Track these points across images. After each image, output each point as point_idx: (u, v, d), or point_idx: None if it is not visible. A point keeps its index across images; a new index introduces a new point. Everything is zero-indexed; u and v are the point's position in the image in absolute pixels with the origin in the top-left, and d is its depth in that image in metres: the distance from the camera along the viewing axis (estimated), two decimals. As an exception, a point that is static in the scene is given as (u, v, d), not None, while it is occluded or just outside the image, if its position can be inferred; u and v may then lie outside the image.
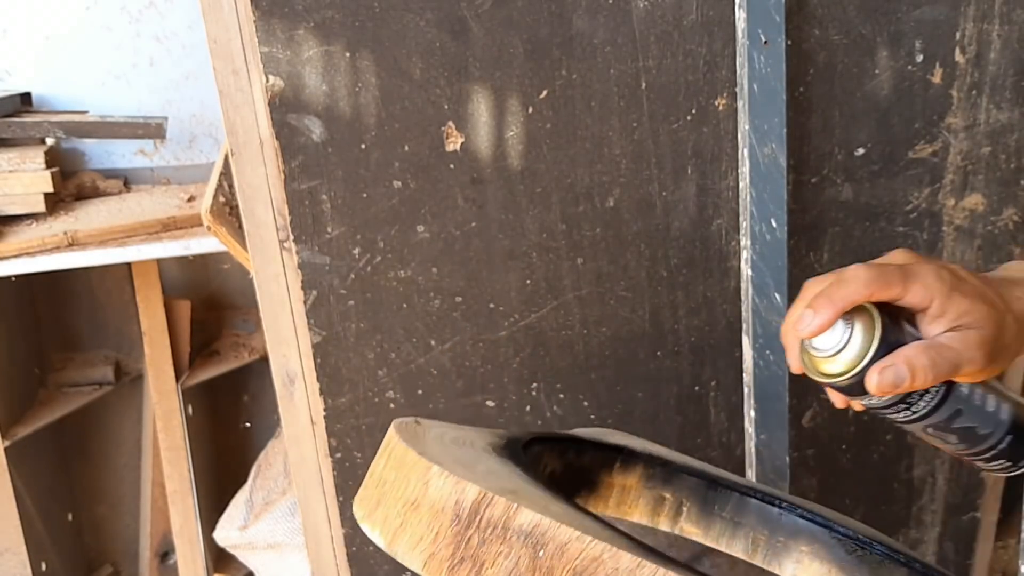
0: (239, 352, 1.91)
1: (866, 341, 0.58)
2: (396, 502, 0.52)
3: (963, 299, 0.58)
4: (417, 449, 0.53)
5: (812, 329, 0.58)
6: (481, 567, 0.48)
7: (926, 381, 0.58)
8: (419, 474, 0.51)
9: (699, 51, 1.04)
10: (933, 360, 0.58)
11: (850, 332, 0.59)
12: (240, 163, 1.03)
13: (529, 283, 1.10)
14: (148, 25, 1.71)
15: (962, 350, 0.58)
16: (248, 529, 1.72)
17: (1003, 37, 1.10)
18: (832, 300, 0.58)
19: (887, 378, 0.57)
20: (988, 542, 1.40)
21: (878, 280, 0.58)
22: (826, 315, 0.58)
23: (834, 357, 0.60)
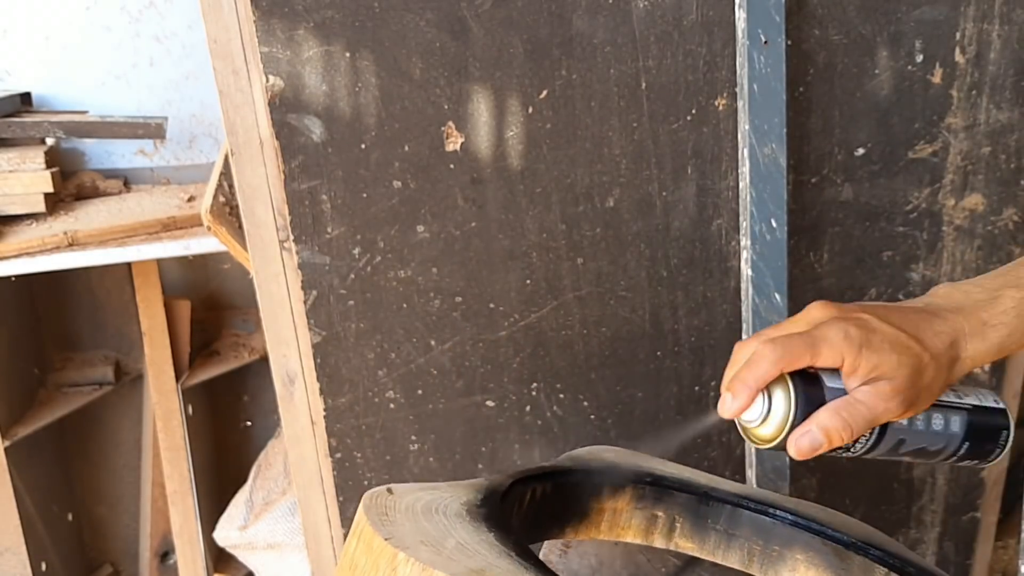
0: (239, 352, 1.91)
1: (785, 409, 0.62)
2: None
3: (872, 354, 0.61)
4: (384, 533, 0.53)
5: (733, 412, 0.63)
6: None
7: (843, 440, 0.61)
8: (387, 560, 0.51)
9: (699, 51, 1.04)
10: (845, 421, 0.61)
11: (769, 403, 0.63)
12: (240, 163, 1.03)
13: (529, 283, 1.10)
14: (148, 25, 1.71)
15: (875, 404, 0.61)
16: (248, 529, 1.72)
17: (1003, 37, 1.10)
18: (746, 383, 0.62)
19: (804, 444, 0.61)
20: (988, 542, 1.40)
21: (785, 356, 0.61)
22: (742, 398, 0.62)
23: (761, 426, 0.64)
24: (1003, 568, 1.63)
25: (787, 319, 0.67)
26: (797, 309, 1.18)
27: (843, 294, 1.18)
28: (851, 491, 1.29)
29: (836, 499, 1.29)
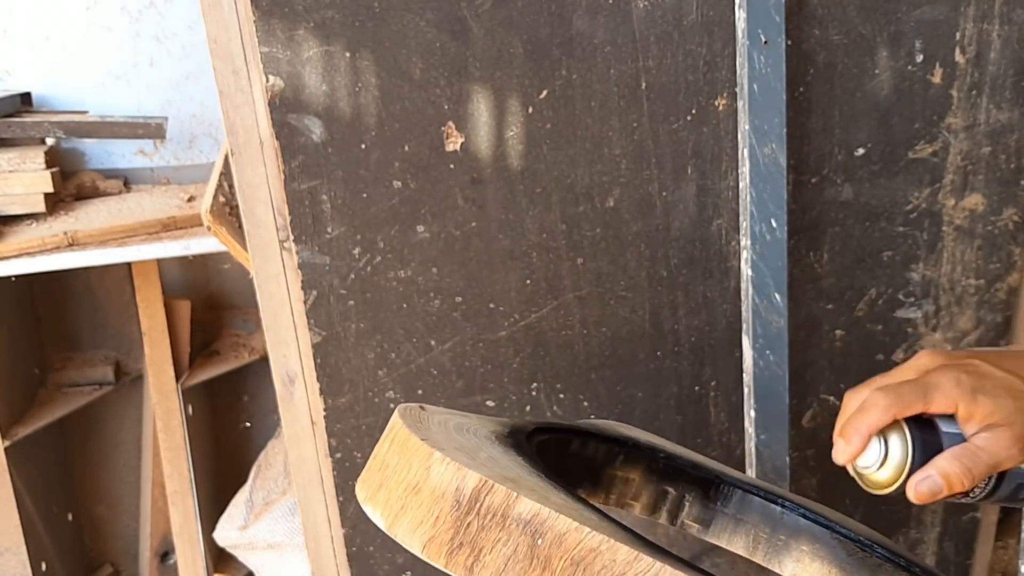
0: (239, 352, 1.91)
1: (902, 454, 0.63)
2: (398, 486, 0.52)
3: (987, 399, 0.61)
4: (420, 435, 0.53)
5: (847, 459, 0.64)
6: (479, 553, 0.49)
7: (963, 486, 0.61)
8: (421, 459, 0.52)
9: (699, 51, 1.04)
10: (966, 467, 0.61)
11: (885, 448, 0.63)
12: (240, 163, 1.03)
13: (529, 283, 1.10)
14: (148, 25, 1.71)
15: (996, 450, 0.61)
16: (248, 529, 1.72)
17: (1003, 37, 1.10)
18: (858, 430, 0.62)
19: (923, 490, 0.61)
20: (988, 542, 1.40)
21: (898, 403, 0.61)
22: (856, 444, 0.63)
23: (878, 472, 0.64)
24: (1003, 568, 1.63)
25: (897, 367, 0.67)
26: (797, 309, 1.19)
27: (843, 294, 1.18)
28: (851, 491, 1.29)
29: (836, 499, 1.29)
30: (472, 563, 0.49)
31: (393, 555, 1.19)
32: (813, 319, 1.18)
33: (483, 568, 0.49)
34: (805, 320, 1.18)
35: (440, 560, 0.50)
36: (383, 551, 1.18)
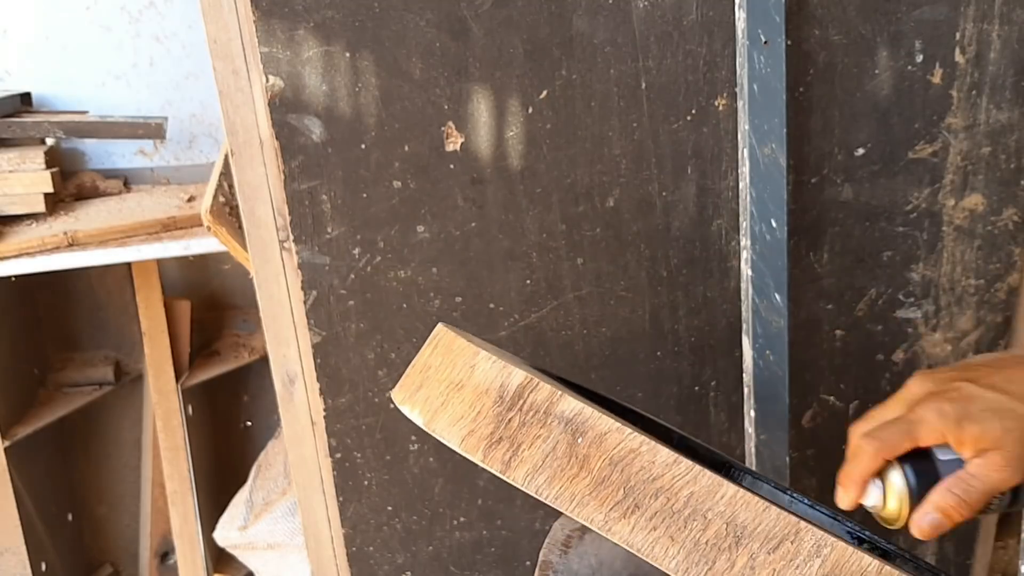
0: (239, 352, 1.91)
1: (902, 491, 0.64)
2: (440, 384, 0.53)
3: (973, 425, 0.61)
4: (465, 338, 0.54)
5: (848, 505, 0.65)
6: (518, 448, 0.49)
7: (964, 515, 0.62)
8: (466, 359, 0.52)
9: (699, 51, 1.04)
10: (960, 498, 0.62)
11: (883, 488, 0.65)
12: (240, 163, 1.03)
13: (529, 283, 1.10)
14: (148, 25, 1.71)
15: (989, 475, 0.61)
16: (248, 529, 1.72)
17: (1003, 37, 1.10)
18: (853, 479, 0.64)
19: (925, 527, 0.62)
20: (988, 542, 1.40)
21: (884, 448, 0.63)
22: (853, 492, 0.64)
23: (885, 510, 0.65)
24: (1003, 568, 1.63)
25: (888, 399, 0.68)
26: (797, 309, 1.19)
27: (843, 294, 1.18)
28: (851, 491, 1.29)
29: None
30: (510, 458, 0.49)
31: (393, 555, 1.19)
32: (813, 319, 1.18)
33: (520, 463, 0.49)
34: (805, 320, 1.18)
35: (478, 454, 0.50)
36: (383, 551, 1.18)
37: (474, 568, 1.22)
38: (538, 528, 1.20)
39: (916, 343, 1.23)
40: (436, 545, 1.19)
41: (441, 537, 1.19)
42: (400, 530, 1.18)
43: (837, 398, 1.23)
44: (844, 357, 1.21)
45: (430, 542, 1.19)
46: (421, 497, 1.16)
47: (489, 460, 0.50)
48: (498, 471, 0.50)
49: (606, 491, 0.47)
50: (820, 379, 1.22)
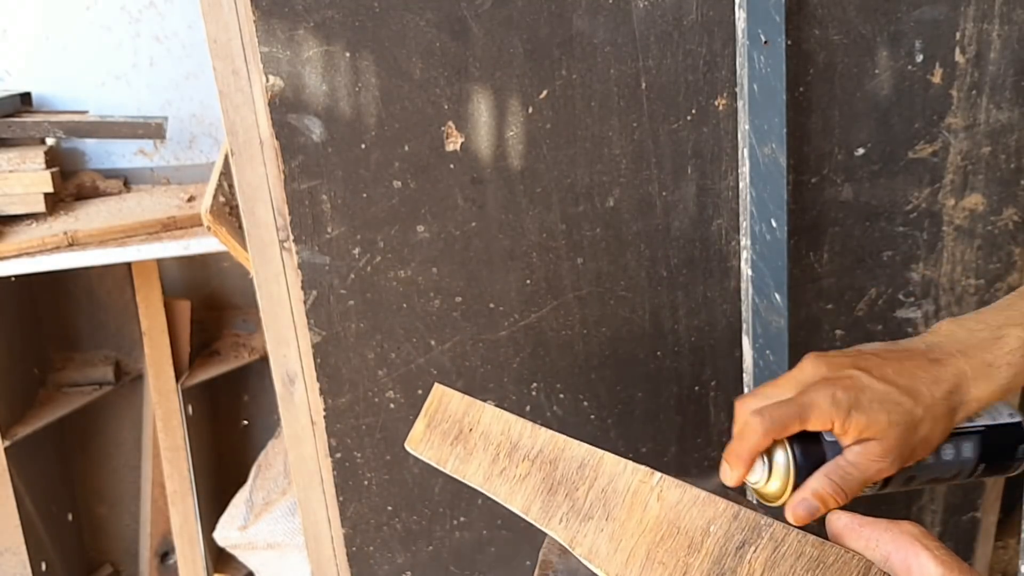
0: (239, 352, 1.91)
1: (784, 471, 0.64)
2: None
3: (861, 416, 0.62)
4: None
5: (733, 482, 0.65)
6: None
7: (838, 502, 0.63)
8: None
9: (699, 51, 1.04)
10: (837, 486, 0.63)
11: (769, 466, 0.65)
12: (240, 163, 1.03)
13: (529, 283, 1.10)
14: (148, 25, 1.71)
15: (866, 465, 0.63)
16: (248, 529, 1.72)
17: (1003, 37, 1.10)
18: (739, 456, 0.64)
19: (800, 512, 0.63)
20: (988, 542, 1.40)
21: (774, 426, 0.63)
22: (739, 469, 0.64)
23: (767, 486, 0.66)
24: (1003, 568, 1.63)
25: (781, 376, 0.68)
26: (797, 309, 1.18)
27: (843, 294, 1.18)
28: (851, 491, 1.29)
29: (836, 499, 1.29)
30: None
31: (393, 555, 1.19)
32: (813, 319, 1.18)
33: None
34: (805, 320, 1.18)
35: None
36: (383, 551, 1.18)
37: (474, 568, 1.22)
38: (538, 528, 1.20)
39: (916, 343, 1.23)
40: (436, 545, 1.19)
41: (441, 537, 1.19)
42: (400, 530, 1.18)
43: (837, 398, 1.23)
44: (844, 357, 1.21)
45: (430, 542, 1.19)
46: (421, 497, 1.16)
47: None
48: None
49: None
50: (820, 379, 1.22)
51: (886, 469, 0.63)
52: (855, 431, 0.62)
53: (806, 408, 0.62)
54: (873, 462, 0.62)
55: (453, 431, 0.59)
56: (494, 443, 0.56)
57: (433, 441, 0.61)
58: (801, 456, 0.64)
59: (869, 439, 0.62)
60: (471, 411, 0.59)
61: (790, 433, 0.63)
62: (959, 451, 0.66)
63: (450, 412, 0.60)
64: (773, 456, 0.64)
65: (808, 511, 0.62)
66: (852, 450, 0.62)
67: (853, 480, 0.63)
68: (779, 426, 0.62)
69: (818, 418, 0.62)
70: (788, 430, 0.63)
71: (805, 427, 0.63)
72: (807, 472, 0.63)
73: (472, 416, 0.59)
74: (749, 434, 0.63)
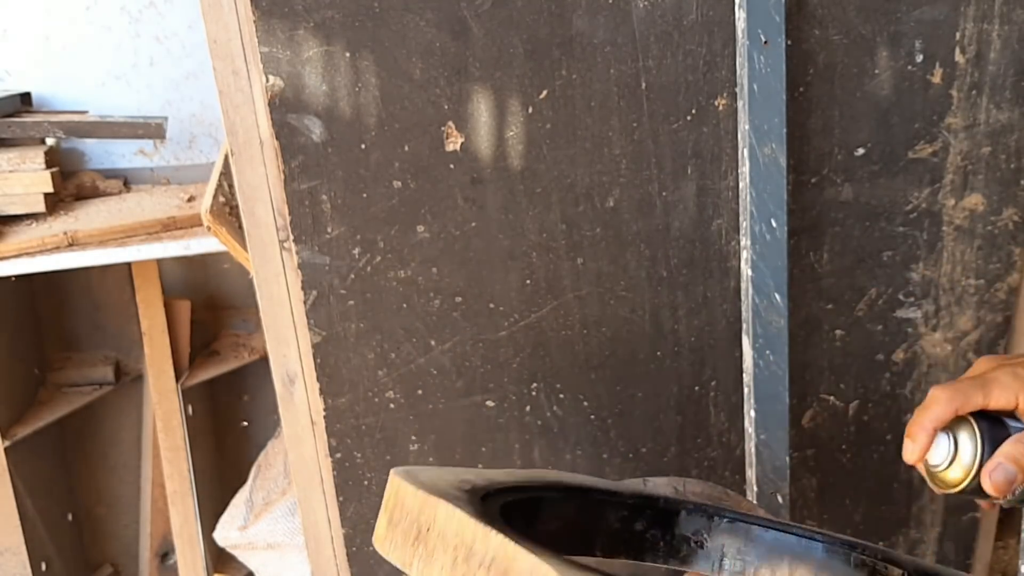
0: (239, 352, 1.91)
1: (972, 447, 0.64)
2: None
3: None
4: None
5: (916, 455, 0.65)
6: None
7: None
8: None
9: (699, 51, 1.04)
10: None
11: (955, 444, 0.65)
12: (240, 163, 1.03)
13: (529, 283, 1.10)
14: (148, 25, 1.71)
15: None
16: (248, 529, 1.72)
17: (1003, 37, 1.10)
18: (923, 426, 0.64)
19: (998, 477, 0.63)
20: (988, 542, 1.40)
21: (957, 396, 0.64)
22: (922, 440, 0.65)
23: (950, 468, 0.65)
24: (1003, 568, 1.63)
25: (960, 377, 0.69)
26: (797, 309, 1.19)
27: (843, 294, 1.18)
28: (851, 492, 1.30)
29: (836, 500, 1.29)
30: None
31: (393, 555, 1.19)
32: (813, 319, 1.18)
33: None
34: (805, 320, 1.18)
35: None
36: (383, 551, 1.18)
37: (474, 568, 1.22)
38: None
39: (916, 343, 1.23)
40: (436, 545, 1.19)
41: (441, 537, 1.19)
42: (400, 530, 1.18)
43: (837, 398, 1.23)
44: (844, 357, 1.21)
45: (430, 542, 1.19)
46: (421, 497, 1.16)
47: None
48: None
49: None
50: (820, 379, 1.22)
51: None
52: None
53: (989, 382, 0.64)
54: None
55: (412, 531, 0.57)
56: (451, 545, 0.54)
57: (396, 541, 0.58)
58: (989, 433, 0.63)
59: None
60: (426, 509, 0.56)
61: (973, 406, 0.64)
62: None
63: (408, 509, 0.58)
64: (959, 437, 0.64)
65: (1006, 476, 0.62)
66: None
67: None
68: (963, 396, 0.63)
69: (1001, 392, 0.63)
70: (971, 401, 0.63)
71: (988, 401, 0.63)
72: (991, 451, 0.63)
73: (427, 514, 0.56)
74: (932, 404, 0.64)
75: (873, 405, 1.25)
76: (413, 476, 0.60)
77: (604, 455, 1.18)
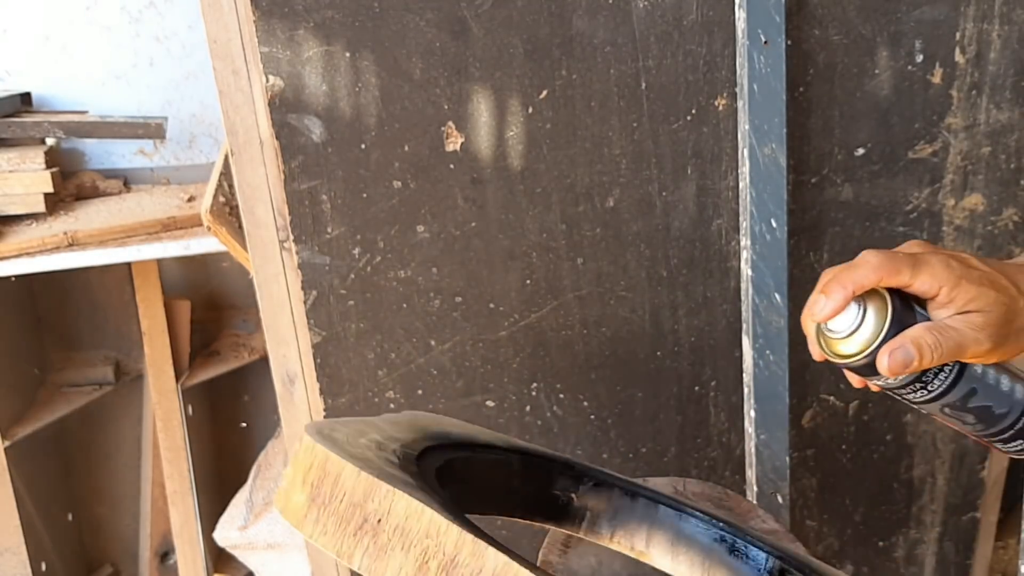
0: (239, 352, 1.91)
1: (878, 322, 0.61)
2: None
3: (970, 286, 0.61)
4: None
5: (826, 313, 0.61)
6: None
7: (932, 360, 0.60)
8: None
9: (699, 51, 1.04)
10: (938, 340, 0.60)
11: (863, 314, 0.61)
12: (240, 163, 1.03)
13: (529, 283, 1.10)
14: (148, 25, 1.71)
15: (967, 331, 0.61)
16: (248, 529, 1.72)
17: (1003, 37, 1.10)
18: (843, 284, 0.61)
19: (897, 358, 0.60)
20: (988, 542, 1.40)
21: (887, 265, 0.61)
22: (838, 299, 0.61)
23: (848, 338, 0.62)
24: (1003, 568, 1.63)
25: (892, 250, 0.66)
26: (797, 310, 1.18)
27: (843, 294, 1.18)
28: (851, 491, 1.29)
29: (836, 500, 1.29)
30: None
31: (393, 555, 1.19)
32: (813, 319, 1.18)
33: None
34: (805, 320, 1.18)
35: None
36: (383, 551, 1.18)
37: (474, 568, 1.22)
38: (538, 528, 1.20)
39: (916, 343, 1.23)
40: (436, 545, 1.19)
41: (441, 537, 1.19)
42: (400, 530, 1.18)
43: (837, 398, 1.23)
44: (844, 357, 1.21)
45: (430, 542, 1.19)
46: (421, 497, 1.16)
47: None
48: None
49: None
50: (820, 379, 1.22)
51: (983, 343, 0.61)
52: (962, 300, 0.61)
53: (921, 263, 0.61)
54: (974, 331, 0.60)
55: (353, 518, 0.48)
56: (417, 545, 0.46)
57: (325, 525, 0.49)
58: (899, 313, 0.61)
59: (974, 311, 0.61)
60: (375, 496, 0.48)
61: (900, 281, 0.61)
62: (1014, 389, 0.65)
63: (345, 489, 0.49)
64: (867, 308, 0.61)
65: (905, 358, 0.60)
66: (955, 317, 0.61)
67: (952, 341, 0.60)
68: (892, 267, 0.61)
69: (930, 278, 0.61)
70: (899, 275, 0.61)
71: (913, 282, 0.61)
72: (895, 333, 0.60)
73: (378, 504, 0.48)
74: (860, 266, 0.61)
75: (873, 405, 1.25)
76: (333, 440, 0.52)
77: (604, 455, 1.18)
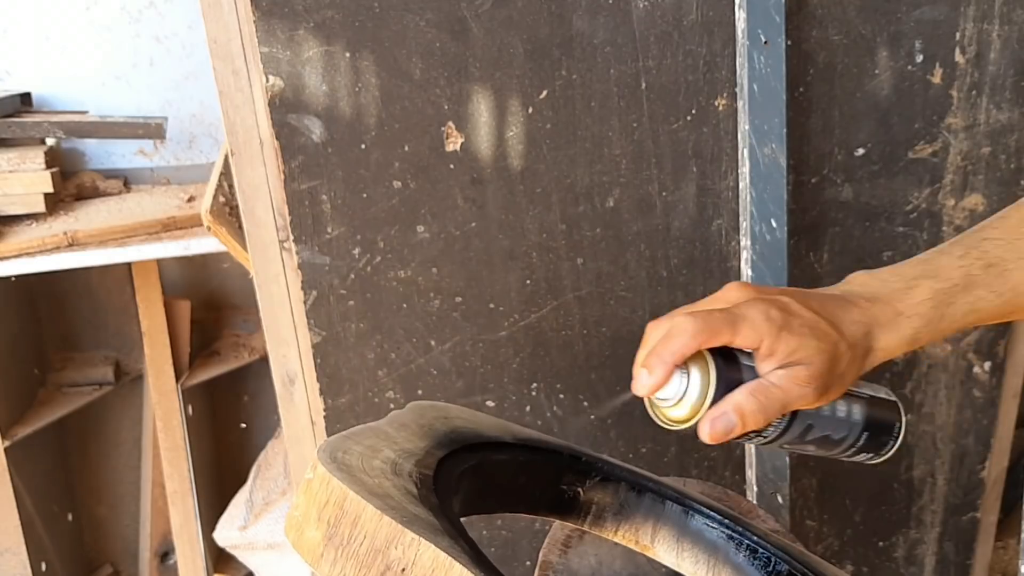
0: (239, 352, 1.91)
1: (703, 387, 0.60)
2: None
3: (791, 337, 0.59)
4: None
5: (649, 388, 0.60)
6: None
7: (757, 423, 0.59)
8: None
9: (699, 51, 1.04)
10: (761, 404, 0.59)
11: (687, 380, 0.60)
12: (240, 163, 1.03)
13: (529, 283, 1.10)
14: (148, 25, 1.71)
15: (790, 388, 0.60)
16: (248, 529, 1.72)
17: (1003, 37, 1.10)
18: (662, 358, 0.59)
19: (719, 428, 0.59)
20: (988, 542, 1.40)
21: (705, 330, 0.59)
22: (659, 373, 0.59)
23: (677, 405, 0.61)
24: (1003, 568, 1.63)
25: (706, 298, 0.64)
26: (797, 309, 1.18)
27: (843, 294, 1.18)
28: (851, 492, 1.29)
29: (836, 500, 1.29)
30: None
31: (393, 555, 1.19)
32: (813, 319, 1.18)
33: None
34: (805, 320, 1.18)
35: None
36: (383, 551, 1.18)
37: (474, 568, 1.22)
38: (538, 528, 1.20)
39: (916, 343, 1.23)
40: (436, 545, 1.19)
41: (441, 537, 1.19)
42: (400, 530, 1.18)
43: (837, 398, 1.23)
44: (844, 357, 1.21)
45: (430, 542, 1.19)
46: (421, 497, 1.16)
47: None
48: None
49: None
50: (820, 379, 1.21)
51: (808, 396, 0.60)
52: (784, 353, 0.59)
53: (739, 319, 0.59)
54: (797, 386, 0.59)
55: (375, 564, 0.45)
56: None
57: (344, 568, 0.46)
58: (724, 375, 0.59)
59: (795, 363, 0.59)
60: (399, 543, 0.45)
61: (719, 342, 0.59)
62: (850, 412, 0.65)
63: (364, 530, 0.46)
64: (691, 373, 0.60)
65: (727, 427, 0.59)
66: (777, 373, 0.59)
67: (776, 401, 0.59)
68: (710, 330, 0.58)
69: (750, 332, 0.59)
70: (718, 337, 0.59)
71: (734, 340, 0.59)
72: (722, 395, 0.59)
73: (402, 552, 0.45)
74: (678, 334, 0.58)
75: (873, 405, 1.25)
76: (347, 468, 0.50)
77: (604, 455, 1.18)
